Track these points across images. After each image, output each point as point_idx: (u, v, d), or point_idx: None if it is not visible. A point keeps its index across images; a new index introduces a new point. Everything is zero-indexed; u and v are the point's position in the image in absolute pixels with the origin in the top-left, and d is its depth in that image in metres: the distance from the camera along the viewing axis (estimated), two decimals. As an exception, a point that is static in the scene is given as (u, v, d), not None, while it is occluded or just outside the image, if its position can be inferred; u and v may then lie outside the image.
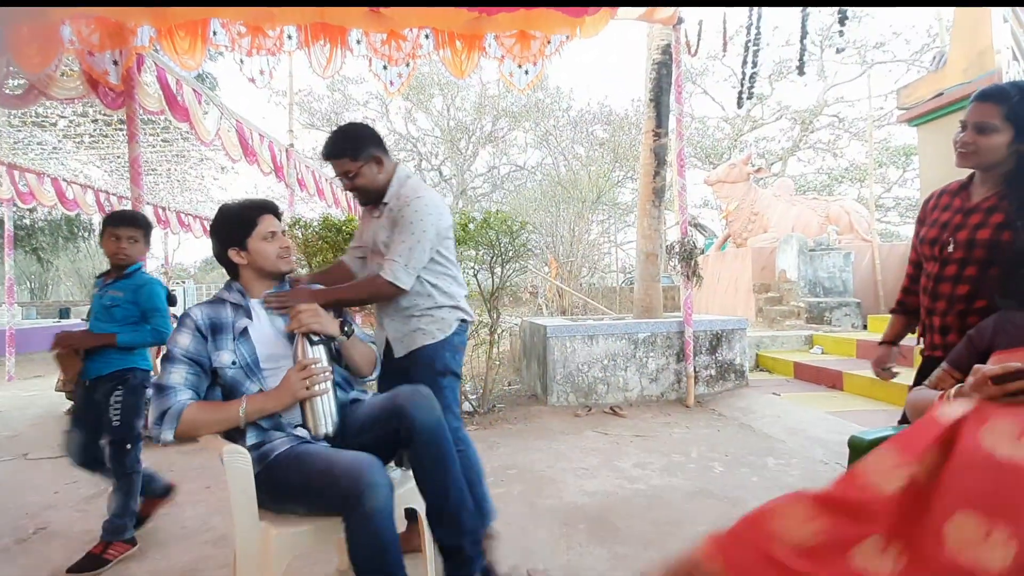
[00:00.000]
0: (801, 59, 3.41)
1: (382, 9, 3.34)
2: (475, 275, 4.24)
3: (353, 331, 1.59)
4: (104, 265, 2.20)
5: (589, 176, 12.87)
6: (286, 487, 1.38)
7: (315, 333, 1.46)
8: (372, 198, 1.86)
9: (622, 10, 3.71)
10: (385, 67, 3.89)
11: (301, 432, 1.46)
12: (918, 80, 5.85)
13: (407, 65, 3.95)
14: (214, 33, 3.61)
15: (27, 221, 12.94)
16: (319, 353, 1.45)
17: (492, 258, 4.08)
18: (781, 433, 3.36)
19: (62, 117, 5.16)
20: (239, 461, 1.34)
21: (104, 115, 5.09)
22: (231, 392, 1.45)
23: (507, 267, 4.15)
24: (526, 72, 4.01)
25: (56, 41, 3.48)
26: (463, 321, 1.91)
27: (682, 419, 3.81)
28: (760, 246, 7.44)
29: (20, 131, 5.28)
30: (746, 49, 3.42)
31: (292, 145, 6.16)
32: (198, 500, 2.54)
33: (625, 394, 4.29)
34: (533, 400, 4.45)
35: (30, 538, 2.21)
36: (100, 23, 3.50)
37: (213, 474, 2.78)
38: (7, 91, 3.86)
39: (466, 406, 4.10)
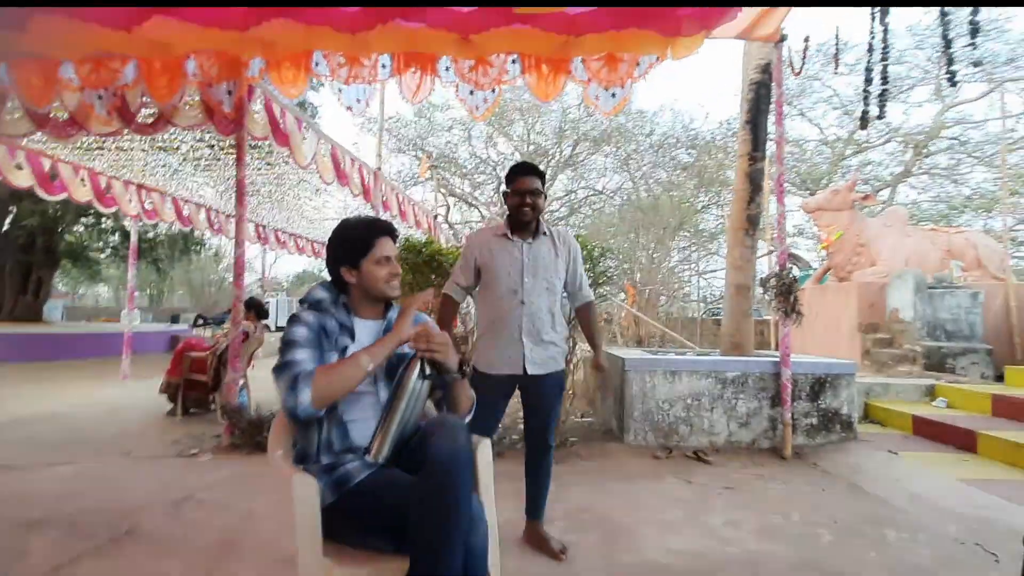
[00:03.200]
0: (950, 66, 3.04)
1: (472, 37, 3.38)
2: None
3: (467, 373, 1.53)
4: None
5: (671, 201, 12.42)
6: (372, 516, 1.31)
7: (436, 364, 1.41)
8: (530, 222, 2.22)
9: (719, 28, 3.50)
10: (472, 92, 3.93)
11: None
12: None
13: (493, 91, 3.97)
14: (316, 64, 3.83)
15: (150, 235, 14.51)
16: (423, 386, 1.40)
17: (571, 284, 3.93)
18: (901, 500, 2.89)
19: (183, 143, 5.71)
20: (307, 491, 1.29)
21: (217, 140, 5.58)
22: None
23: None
24: (612, 95, 3.90)
25: (182, 74, 3.86)
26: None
27: (778, 472, 3.41)
28: (868, 281, 6.72)
29: (149, 155, 5.90)
30: (874, 62, 3.09)
31: (379, 168, 6.42)
32: (271, 515, 2.56)
33: (711, 438, 3.93)
34: (608, 436, 4.19)
35: (121, 538, 2.31)
36: (218, 56, 3.83)
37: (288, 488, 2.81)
38: (140, 120, 4.32)
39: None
